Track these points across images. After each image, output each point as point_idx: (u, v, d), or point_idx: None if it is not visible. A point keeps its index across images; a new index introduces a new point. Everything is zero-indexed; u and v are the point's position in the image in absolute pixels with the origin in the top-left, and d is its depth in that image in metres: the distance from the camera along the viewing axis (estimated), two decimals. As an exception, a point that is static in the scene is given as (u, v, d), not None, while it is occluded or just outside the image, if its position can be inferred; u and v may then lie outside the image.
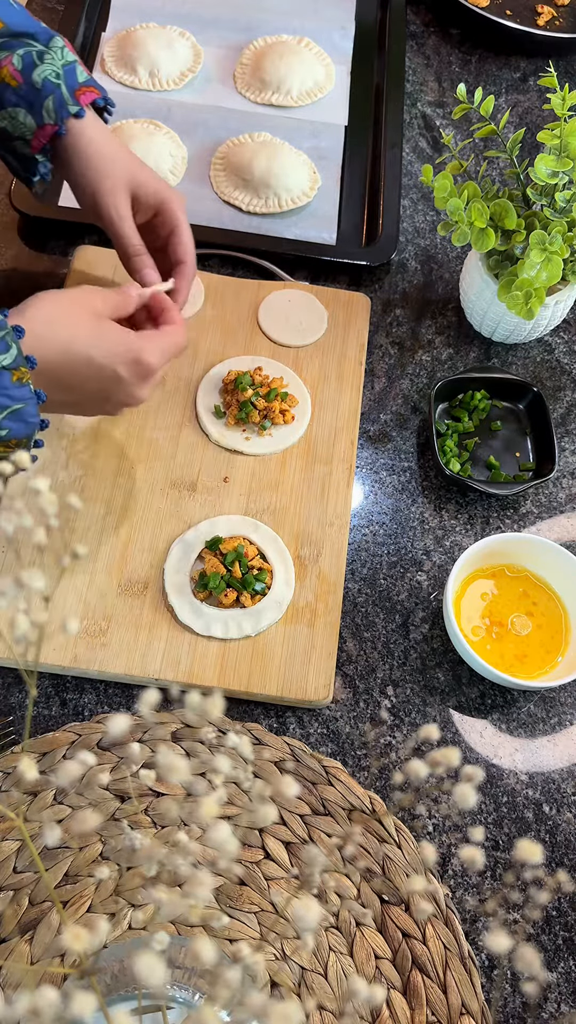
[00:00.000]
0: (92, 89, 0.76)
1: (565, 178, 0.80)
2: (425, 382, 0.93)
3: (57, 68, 0.74)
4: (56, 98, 0.74)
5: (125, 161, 0.77)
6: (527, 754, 0.76)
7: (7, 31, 0.74)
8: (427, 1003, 0.65)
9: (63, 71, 0.75)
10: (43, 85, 0.74)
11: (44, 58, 0.74)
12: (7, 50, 0.74)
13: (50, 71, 0.74)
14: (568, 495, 0.88)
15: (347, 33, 1.14)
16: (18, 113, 0.75)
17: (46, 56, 0.74)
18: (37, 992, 0.31)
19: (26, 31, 0.74)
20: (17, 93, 0.75)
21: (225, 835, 0.33)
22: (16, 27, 0.74)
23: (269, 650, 0.76)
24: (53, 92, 0.74)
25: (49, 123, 0.75)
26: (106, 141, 0.77)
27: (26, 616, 0.35)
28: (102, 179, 0.76)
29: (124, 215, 0.77)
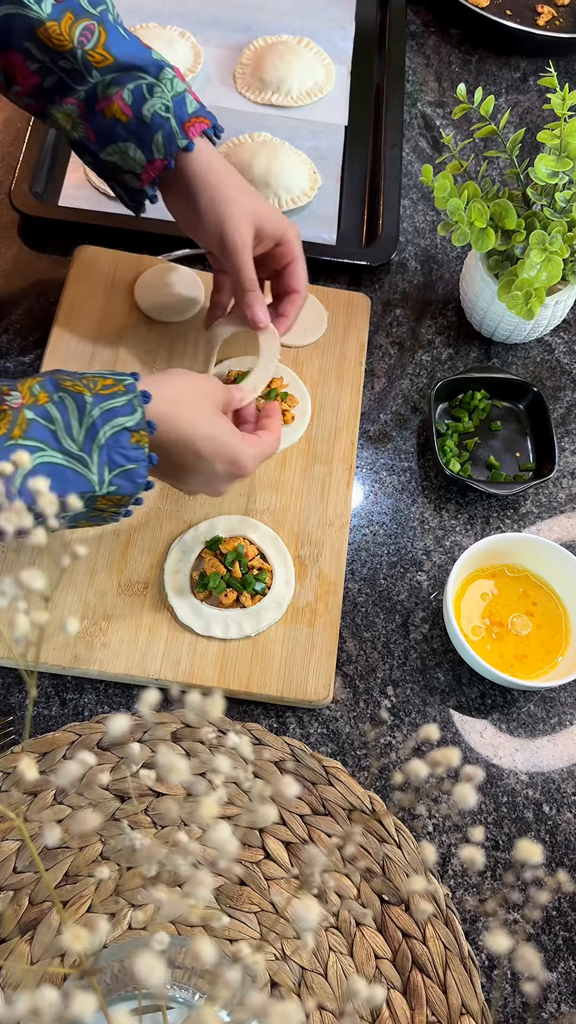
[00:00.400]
0: (201, 119, 0.76)
1: (565, 178, 0.80)
2: (425, 382, 0.93)
3: (167, 101, 0.74)
4: (165, 132, 0.74)
5: (248, 193, 0.78)
6: (527, 754, 0.76)
7: (117, 65, 0.74)
8: (427, 1003, 0.65)
9: (172, 103, 0.74)
10: (152, 120, 0.74)
11: (154, 91, 0.74)
12: (117, 85, 0.74)
13: (160, 104, 0.74)
14: (568, 495, 0.88)
15: (347, 33, 1.14)
16: (128, 148, 0.76)
17: (156, 89, 0.74)
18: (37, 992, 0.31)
19: (136, 64, 0.74)
20: (127, 128, 0.75)
21: (225, 835, 0.33)
22: (126, 60, 0.74)
23: (269, 650, 0.76)
24: (162, 126, 0.74)
25: (159, 158, 0.76)
26: (227, 172, 0.77)
27: (26, 616, 0.35)
28: (229, 211, 0.76)
29: (249, 245, 0.78)
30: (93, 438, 0.63)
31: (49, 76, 0.74)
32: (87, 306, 0.91)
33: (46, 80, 0.75)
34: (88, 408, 0.63)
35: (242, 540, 0.80)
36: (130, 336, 0.90)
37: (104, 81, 0.74)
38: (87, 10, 0.73)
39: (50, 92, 0.76)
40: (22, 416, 0.61)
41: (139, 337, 0.90)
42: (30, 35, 0.72)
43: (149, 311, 0.91)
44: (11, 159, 1.01)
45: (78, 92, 0.75)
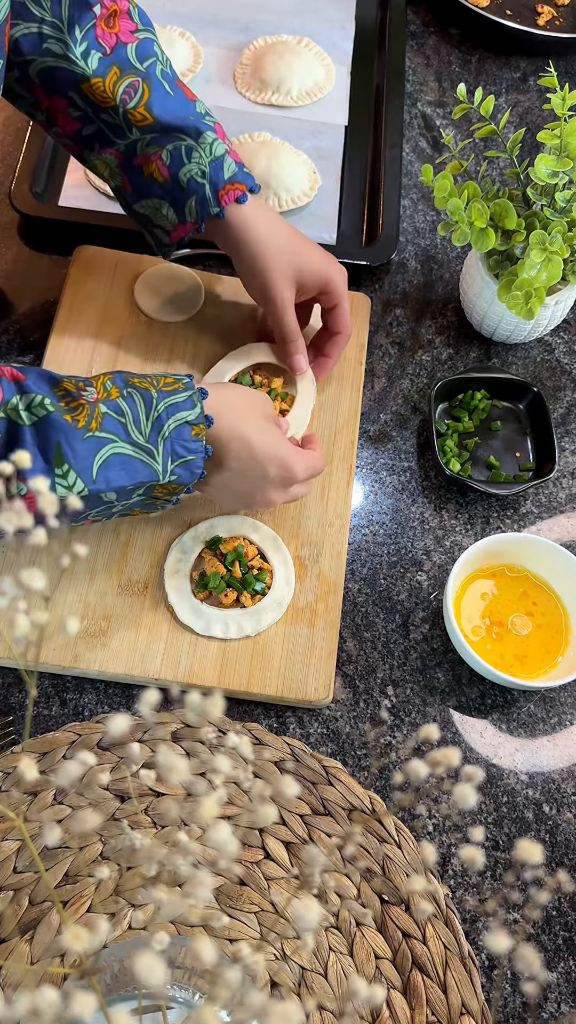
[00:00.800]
0: (237, 186, 0.76)
1: (565, 178, 0.80)
2: (425, 382, 0.93)
3: (204, 166, 0.75)
4: (199, 198, 0.76)
5: (288, 247, 0.79)
6: (527, 754, 0.76)
7: (157, 126, 0.74)
8: (427, 1003, 0.65)
9: (209, 168, 0.75)
10: (188, 184, 0.75)
11: (192, 155, 0.75)
12: (157, 145, 0.75)
13: (196, 170, 0.75)
14: (568, 495, 0.88)
15: (347, 33, 1.14)
16: (161, 206, 0.78)
17: (194, 153, 0.75)
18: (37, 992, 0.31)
19: (176, 125, 0.74)
20: (163, 188, 0.76)
21: (225, 835, 0.33)
22: (167, 121, 0.74)
23: (269, 650, 0.76)
24: (197, 191, 0.76)
25: (190, 220, 0.77)
26: (267, 226, 0.78)
27: (26, 616, 0.35)
28: (269, 269, 0.78)
29: (288, 302, 0.80)
30: (159, 431, 0.66)
31: (89, 125, 0.75)
32: (87, 306, 0.91)
33: (86, 128, 0.75)
34: (154, 402, 0.67)
35: (242, 540, 0.80)
36: (130, 336, 0.90)
37: (144, 140, 0.75)
38: (134, 65, 0.73)
39: (90, 140, 0.76)
40: (97, 410, 0.64)
41: (139, 337, 0.90)
42: (75, 87, 0.73)
43: (149, 311, 0.91)
44: (11, 159, 1.01)
45: (118, 145, 0.75)
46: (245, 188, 0.77)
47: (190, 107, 0.75)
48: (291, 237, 0.80)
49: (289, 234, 0.80)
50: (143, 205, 0.78)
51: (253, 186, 0.78)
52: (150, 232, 0.81)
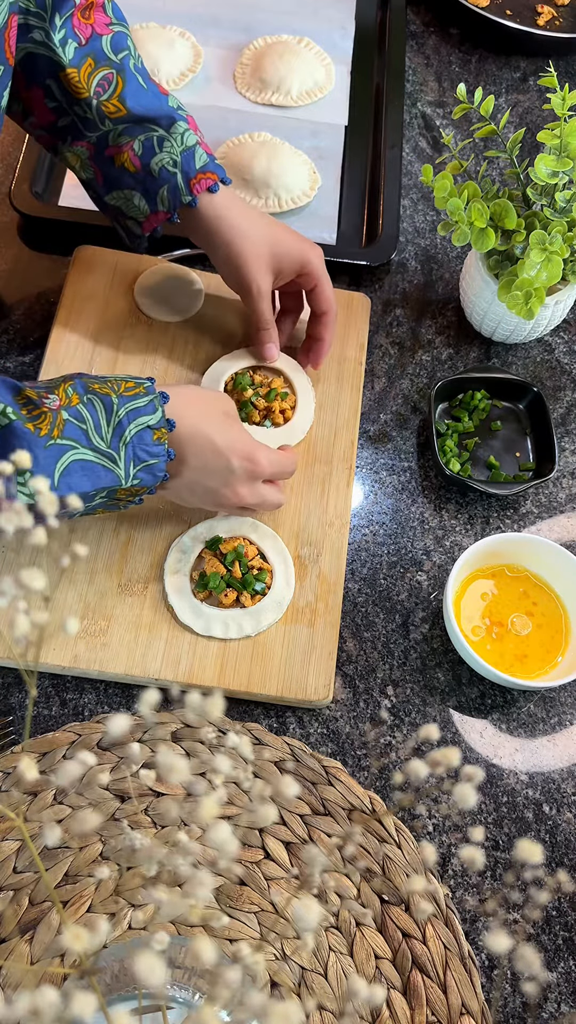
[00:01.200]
0: (208, 175, 0.77)
1: (565, 178, 0.80)
2: (425, 382, 0.93)
3: (175, 155, 0.76)
4: (171, 187, 0.77)
5: (262, 233, 0.79)
6: (527, 754, 0.76)
7: (130, 117, 0.75)
8: (427, 1003, 0.65)
9: (181, 158, 0.76)
10: (160, 173, 0.76)
11: (163, 145, 0.76)
12: (129, 135, 0.75)
13: (168, 159, 0.76)
14: (568, 495, 0.88)
15: (347, 33, 1.14)
16: (133, 196, 0.78)
17: (165, 143, 0.76)
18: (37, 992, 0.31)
19: (148, 116, 0.75)
20: (135, 178, 0.77)
21: (225, 835, 0.33)
22: (139, 112, 0.75)
23: (269, 650, 0.76)
24: (168, 181, 0.76)
25: (162, 210, 0.78)
26: (239, 214, 0.79)
27: (26, 616, 0.35)
28: (244, 255, 0.79)
29: (264, 291, 0.81)
30: (120, 436, 0.67)
31: (64, 116, 0.76)
32: (87, 306, 0.91)
33: (60, 120, 0.76)
34: (115, 408, 0.67)
35: (242, 540, 0.80)
36: (130, 336, 0.90)
37: (116, 130, 0.75)
38: (109, 57, 0.74)
39: (63, 131, 0.77)
40: (59, 417, 0.65)
41: (139, 337, 0.90)
42: (53, 76, 0.73)
43: (149, 311, 0.91)
44: (11, 159, 1.01)
45: (89, 137, 0.76)
46: (216, 178, 0.77)
47: (163, 99, 0.77)
48: (265, 224, 0.80)
49: (263, 221, 0.80)
50: (114, 196, 0.79)
51: (224, 177, 0.78)
52: (122, 225, 0.82)
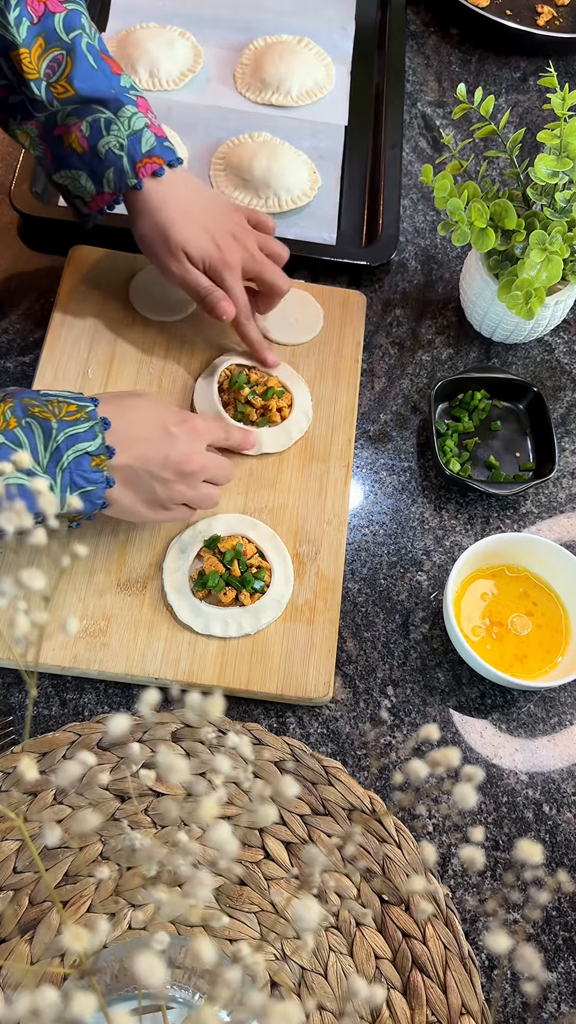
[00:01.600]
0: (154, 160, 0.77)
1: (565, 178, 0.80)
2: (425, 382, 0.93)
3: (122, 139, 0.76)
4: (117, 169, 0.77)
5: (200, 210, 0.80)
6: (527, 754, 0.76)
7: (77, 98, 0.75)
8: (427, 1003, 0.65)
9: (128, 141, 0.76)
10: (106, 156, 0.77)
11: (111, 128, 0.76)
12: (77, 116, 0.76)
13: (114, 142, 0.76)
14: (568, 495, 0.88)
15: (347, 33, 1.14)
16: (80, 176, 0.79)
17: (112, 126, 0.76)
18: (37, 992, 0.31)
19: (96, 98, 0.76)
20: (82, 159, 0.77)
21: (225, 835, 0.33)
22: (87, 94, 0.75)
23: (269, 648, 0.76)
24: (115, 164, 0.77)
25: (108, 191, 0.79)
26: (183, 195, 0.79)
27: (26, 616, 0.35)
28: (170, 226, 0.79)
29: (196, 255, 0.80)
30: (57, 461, 0.66)
31: (14, 95, 0.77)
32: (83, 306, 0.91)
33: (11, 97, 0.77)
34: (54, 433, 0.66)
35: (240, 539, 0.80)
36: (126, 335, 0.90)
37: (64, 111, 0.76)
38: (60, 36, 0.74)
39: (13, 109, 0.78)
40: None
41: (135, 337, 0.90)
42: (4, 54, 0.74)
43: (144, 310, 0.91)
44: (11, 159, 1.01)
45: (38, 117, 0.77)
46: (162, 162, 0.78)
47: (113, 80, 0.77)
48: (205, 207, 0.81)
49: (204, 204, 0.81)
50: (62, 175, 0.79)
51: (172, 160, 0.79)
52: (70, 202, 0.82)
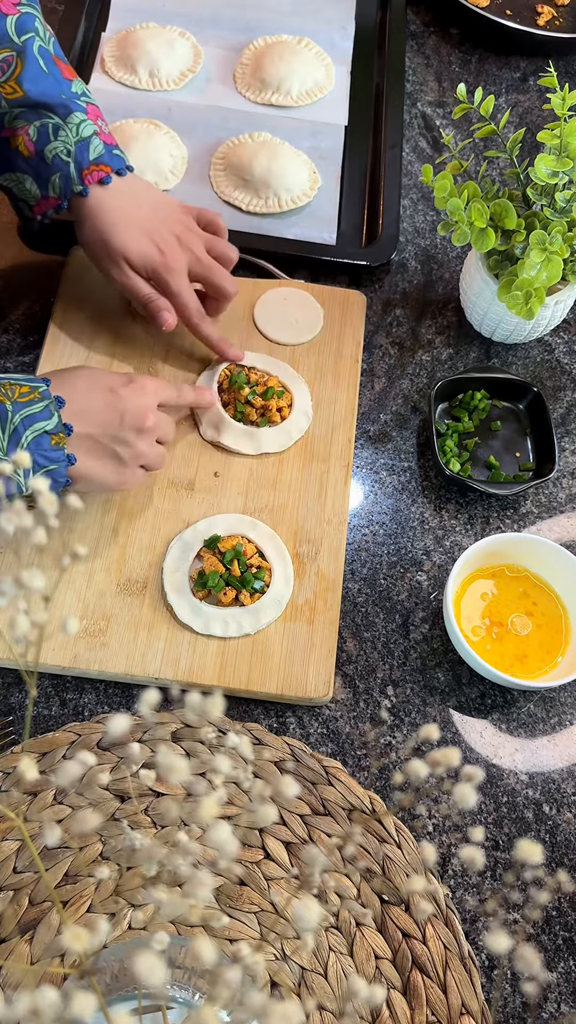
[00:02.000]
0: (101, 167, 0.77)
1: (565, 178, 0.80)
2: (425, 382, 0.93)
3: (69, 145, 0.76)
4: (63, 176, 0.77)
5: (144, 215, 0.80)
6: (527, 754, 0.76)
7: (26, 100, 0.75)
8: (427, 1003, 0.65)
9: (75, 148, 0.76)
10: (53, 161, 0.77)
11: (58, 134, 0.76)
12: (24, 120, 0.76)
13: (62, 148, 0.76)
14: (568, 495, 0.88)
15: (347, 33, 1.14)
16: (25, 180, 0.78)
17: (60, 132, 0.76)
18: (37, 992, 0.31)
19: (45, 103, 0.75)
20: (28, 162, 0.77)
21: (225, 835, 0.33)
22: (35, 98, 0.75)
23: (269, 648, 0.76)
24: (61, 169, 0.77)
25: (53, 196, 0.79)
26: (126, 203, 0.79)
27: (26, 616, 0.35)
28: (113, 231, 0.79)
29: (136, 260, 0.80)
30: (17, 443, 0.67)
31: None
32: (83, 306, 0.91)
33: None
34: (9, 416, 0.67)
35: (240, 539, 0.80)
36: (126, 336, 0.90)
37: (12, 113, 0.76)
38: (11, 39, 0.74)
39: None
40: None
41: (135, 336, 0.90)
42: None
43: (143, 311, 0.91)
44: (11, 159, 1.01)
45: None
46: (110, 170, 0.78)
47: (64, 86, 0.77)
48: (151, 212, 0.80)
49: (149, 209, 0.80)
50: (7, 177, 0.79)
51: (120, 168, 0.79)
52: (15, 205, 0.82)
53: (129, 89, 1.07)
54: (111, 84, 1.07)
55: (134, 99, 1.06)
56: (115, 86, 1.07)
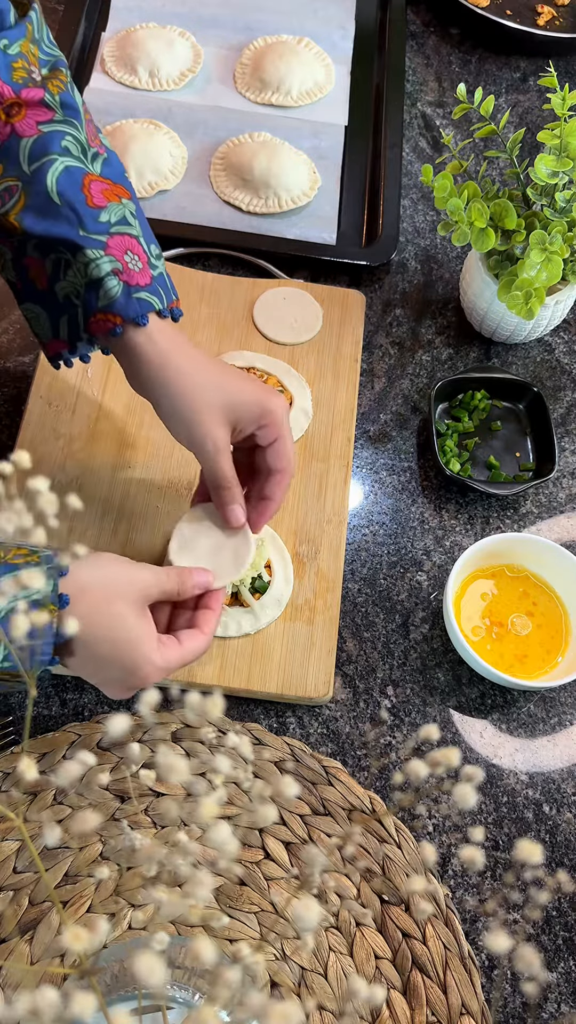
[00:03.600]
0: (110, 317, 0.66)
1: (565, 178, 0.80)
2: (425, 382, 0.93)
3: (79, 286, 0.66)
4: (70, 319, 0.68)
5: (217, 381, 0.68)
6: (527, 754, 0.76)
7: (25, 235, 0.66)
8: (427, 1003, 0.65)
9: (84, 290, 0.66)
10: (63, 300, 0.67)
11: (67, 273, 0.66)
12: (39, 252, 0.67)
13: (71, 288, 0.67)
14: (568, 495, 0.88)
15: (347, 33, 1.14)
16: (41, 314, 0.70)
17: (69, 271, 0.66)
18: (37, 992, 0.31)
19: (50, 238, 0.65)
20: (42, 296, 0.68)
21: (225, 835, 0.33)
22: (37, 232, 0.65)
23: (269, 647, 0.76)
24: (68, 312, 0.68)
25: (62, 339, 0.69)
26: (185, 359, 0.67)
27: (26, 616, 0.35)
28: (196, 412, 0.67)
29: (222, 448, 0.68)
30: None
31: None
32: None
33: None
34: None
35: None
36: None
37: (31, 243, 0.67)
38: (20, 165, 0.65)
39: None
40: None
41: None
42: None
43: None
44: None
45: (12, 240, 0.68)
46: (119, 321, 0.65)
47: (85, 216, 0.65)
48: (217, 371, 0.69)
49: (214, 368, 0.69)
50: (27, 308, 0.70)
51: (138, 317, 0.66)
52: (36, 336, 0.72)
53: (129, 89, 1.07)
54: (111, 84, 1.07)
55: (134, 99, 1.06)
56: (115, 86, 1.07)
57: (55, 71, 0.67)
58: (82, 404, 0.85)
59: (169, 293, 0.69)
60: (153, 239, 0.70)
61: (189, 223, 0.97)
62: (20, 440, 0.84)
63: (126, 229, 0.67)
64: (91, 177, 0.66)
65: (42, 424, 0.84)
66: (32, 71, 0.66)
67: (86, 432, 0.84)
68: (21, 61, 0.65)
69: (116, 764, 0.71)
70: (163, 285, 0.68)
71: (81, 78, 1.07)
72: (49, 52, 0.68)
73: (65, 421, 0.85)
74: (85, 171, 0.66)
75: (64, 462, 0.83)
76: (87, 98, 1.04)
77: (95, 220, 0.65)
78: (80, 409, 0.85)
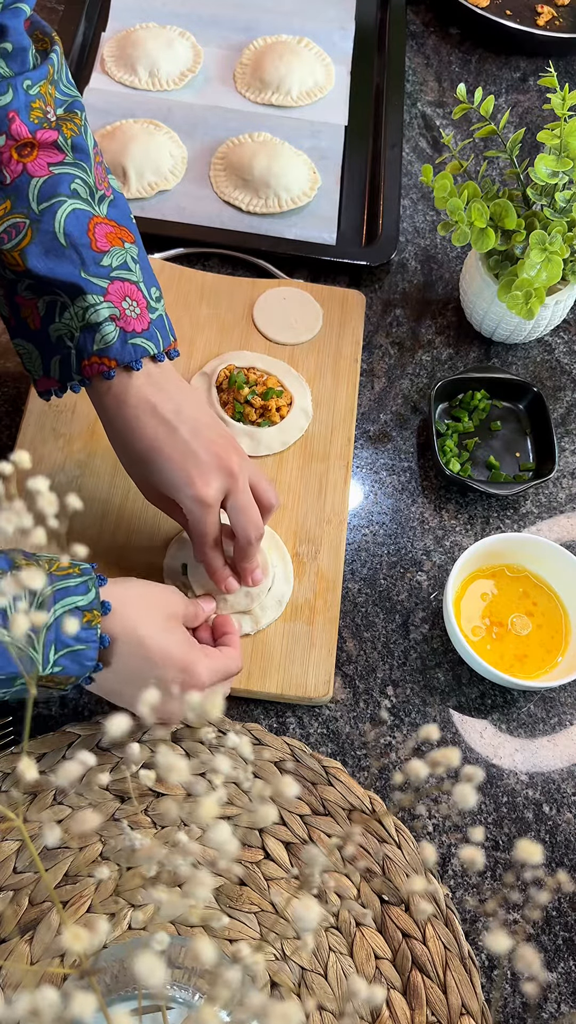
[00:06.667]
0: (104, 361, 0.67)
1: (565, 178, 0.80)
2: (425, 382, 0.93)
3: (73, 329, 0.67)
4: (63, 360, 0.69)
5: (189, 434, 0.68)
6: (527, 754, 0.76)
7: (28, 274, 0.67)
8: (427, 1003, 0.65)
9: (79, 333, 0.67)
10: (56, 341, 0.68)
11: (63, 315, 0.67)
12: (33, 292, 0.68)
13: (65, 331, 0.68)
14: (568, 495, 0.88)
15: (347, 33, 1.14)
16: (33, 352, 0.70)
17: (66, 313, 0.67)
18: (37, 992, 0.31)
19: (50, 280, 0.66)
20: (34, 336, 0.70)
21: (225, 835, 0.33)
22: (39, 272, 0.66)
23: (269, 648, 0.76)
24: (61, 352, 0.69)
25: (54, 378, 0.70)
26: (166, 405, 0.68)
27: (26, 616, 0.35)
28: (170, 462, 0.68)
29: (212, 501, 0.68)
30: None
31: None
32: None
33: None
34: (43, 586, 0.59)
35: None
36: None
37: (23, 283, 0.68)
38: (29, 204, 0.66)
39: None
40: None
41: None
42: None
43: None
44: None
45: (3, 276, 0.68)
46: (114, 365, 0.67)
47: (88, 260, 0.66)
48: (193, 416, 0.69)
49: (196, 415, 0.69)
50: (18, 343, 0.71)
51: (131, 362, 0.67)
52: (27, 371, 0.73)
53: (129, 89, 1.07)
54: (111, 84, 1.07)
55: (134, 99, 1.06)
56: (115, 86, 1.07)
57: (71, 113, 0.69)
58: (82, 404, 0.85)
59: (167, 335, 0.70)
60: (154, 281, 0.71)
61: (189, 223, 0.97)
62: (20, 440, 0.84)
63: (126, 275, 0.68)
64: (97, 220, 0.68)
65: (42, 424, 0.84)
66: (48, 111, 0.67)
67: (86, 432, 0.84)
68: (39, 102, 0.66)
69: (116, 764, 0.71)
70: (161, 328, 0.70)
71: (81, 78, 1.07)
72: (67, 92, 0.69)
73: (65, 421, 0.85)
74: (92, 215, 0.67)
75: (64, 462, 0.83)
76: (87, 98, 1.05)
77: (97, 264, 0.67)
78: (80, 409, 0.85)
